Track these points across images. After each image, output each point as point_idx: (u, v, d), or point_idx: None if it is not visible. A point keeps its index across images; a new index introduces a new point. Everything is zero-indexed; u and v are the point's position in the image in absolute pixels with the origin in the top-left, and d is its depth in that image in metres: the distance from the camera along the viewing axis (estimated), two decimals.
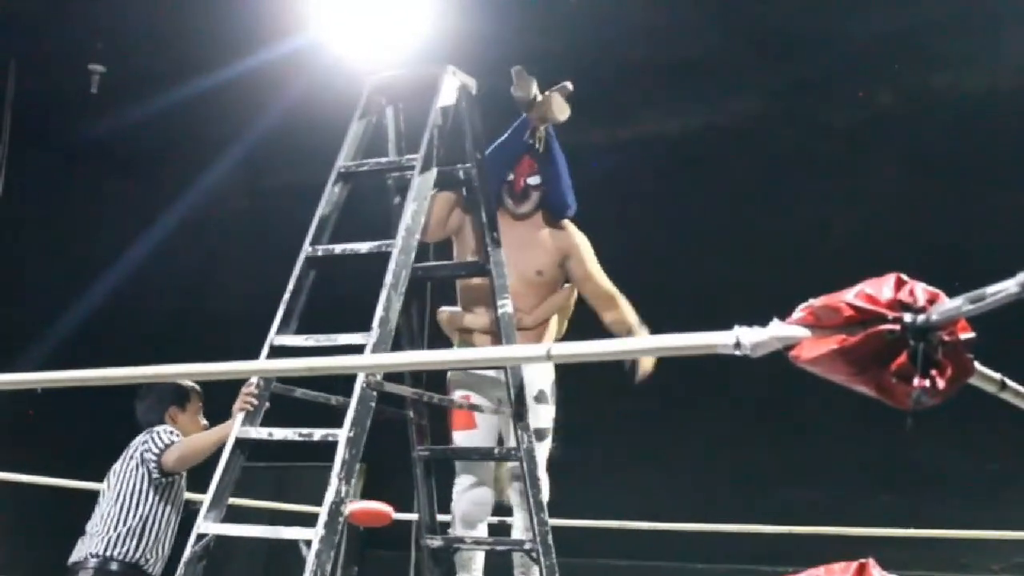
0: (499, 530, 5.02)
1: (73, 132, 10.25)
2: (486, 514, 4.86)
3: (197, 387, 5.10)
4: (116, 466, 5.05)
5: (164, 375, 2.77)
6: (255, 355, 4.18)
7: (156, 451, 4.86)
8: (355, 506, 5.55)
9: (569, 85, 5.00)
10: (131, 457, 4.98)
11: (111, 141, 10.24)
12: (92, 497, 5.19)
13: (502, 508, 4.89)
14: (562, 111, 4.98)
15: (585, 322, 5.00)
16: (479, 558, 4.79)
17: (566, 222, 5.15)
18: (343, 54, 8.17)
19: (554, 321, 5.11)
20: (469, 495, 4.81)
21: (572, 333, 4.91)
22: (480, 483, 4.84)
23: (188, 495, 5.04)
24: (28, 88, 9.70)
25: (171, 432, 4.96)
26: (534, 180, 5.04)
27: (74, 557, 4.95)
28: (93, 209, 10.71)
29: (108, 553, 4.82)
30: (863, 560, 2.01)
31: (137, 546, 4.82)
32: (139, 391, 5.12)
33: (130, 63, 9.36)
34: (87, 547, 4.89)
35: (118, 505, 4.87)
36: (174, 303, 10.79)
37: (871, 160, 8.18)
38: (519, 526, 4.77)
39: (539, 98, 4.93)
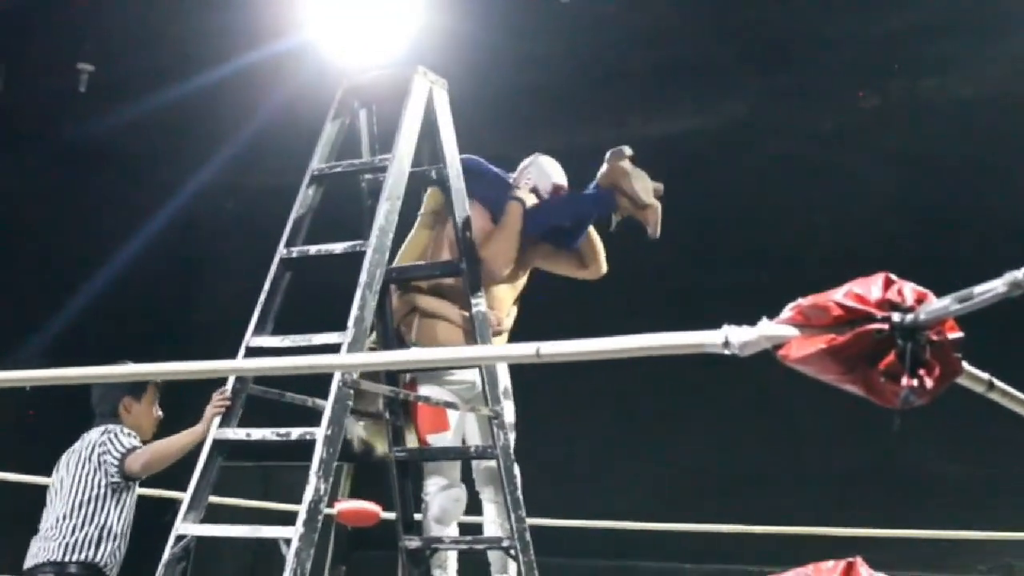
0: (472, 529, 5.01)
1: (61, 132, 10.23)
2: (459, 513, 4.87)
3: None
4: (68, 461, 4.87)
5: (140, 374, 2.75)
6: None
7: (116, 456, 4.75)
8: (343, 505, 5.56)
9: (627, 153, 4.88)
10: (87, 459, 4.82)
11: (99, 141, 10.21)
12: None
13: (474, 507, 4.89)
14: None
15: (571, 323, 4.99)
16: (453, 557, 4.79)
17: None
18: (333, 56, 8.16)
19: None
20: (443, 495, 4.81)
21: (559, 332, 4.90)
22: (452, 483, 4.85)
23: (169, 492, 4.98)
24: (15, 87, 9.68)
25: (130, 434, 4.82)
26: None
27: (30, 562, 4.82)
28: (80, 208, 10.68)
29: (66, 559, 4.73)
30: (851, 559, 2.01)
31: (96, 552, 4.74)
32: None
33: (120, 63, 9.35)
34: (44, 552, 4.77)
35: (76, 511, 4.75)
36: (160, 304, 10.77)
37: (860, 162, 8.19)
38: (493, 524, 4.76)
39: (646, 203, 4.76)
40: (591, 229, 4.97)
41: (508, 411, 4.84)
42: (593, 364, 5.93)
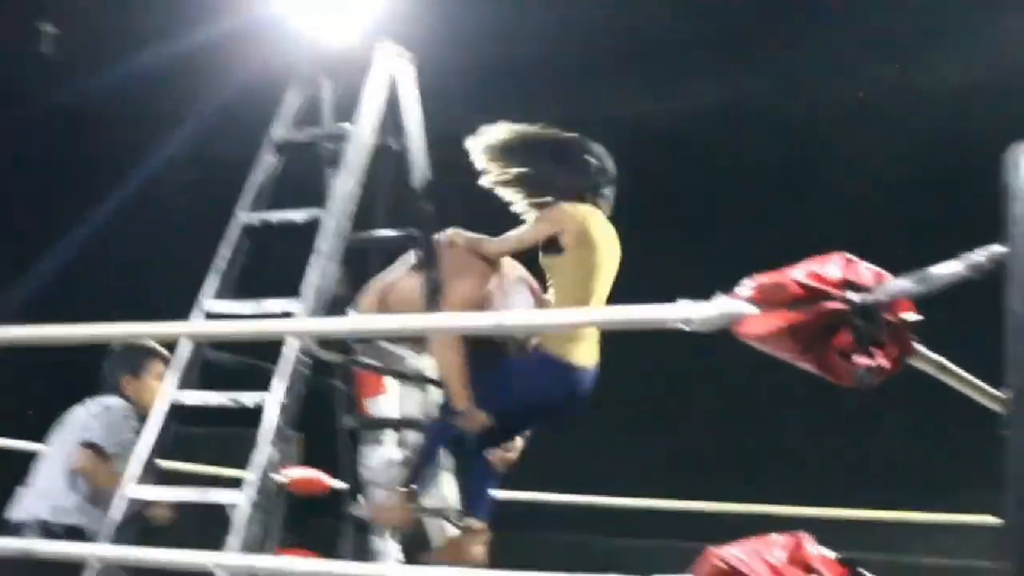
0: None
1: (23, 98, 10.10)
2: (399, 481, 4.88)
3: (158, 350, 5.04)
4: (65, 421, 5.01)
5: (98, 336, 2.74)
6: None
7: (81, 440, 4.86)
8: (292, 474, 5.56)
9: None
10: (74, 428, 4.96)
11: (64, 105, 10.10)
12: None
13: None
14: None
15: None
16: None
17: None
18: (301, 28, 8.09)
19: None
20: (381, 461, 4.83)
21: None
22: (391, 449, 4.87)
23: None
24: None
25: (126, 417, 4.92)
26: None
27: (18, 515, 4.90)
28: (43, 176, 10.57)
29: (54, 520, 4.83)
30: (798, 533, 2.03)
31: (81, 517, 4.83)
32: (107, 352, 5.13)
33: (84, 28, 9.24)
34: (33, 508, 4.86)
35: (65, 477, 4.89)
36: (124, 273, 10.68)
37: (845, 145, 8.19)
38: (431, 497, 4.76)
39: None
40: None
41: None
42: None
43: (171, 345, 4.38)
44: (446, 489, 4.78)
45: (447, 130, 5.01)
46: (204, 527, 4.41)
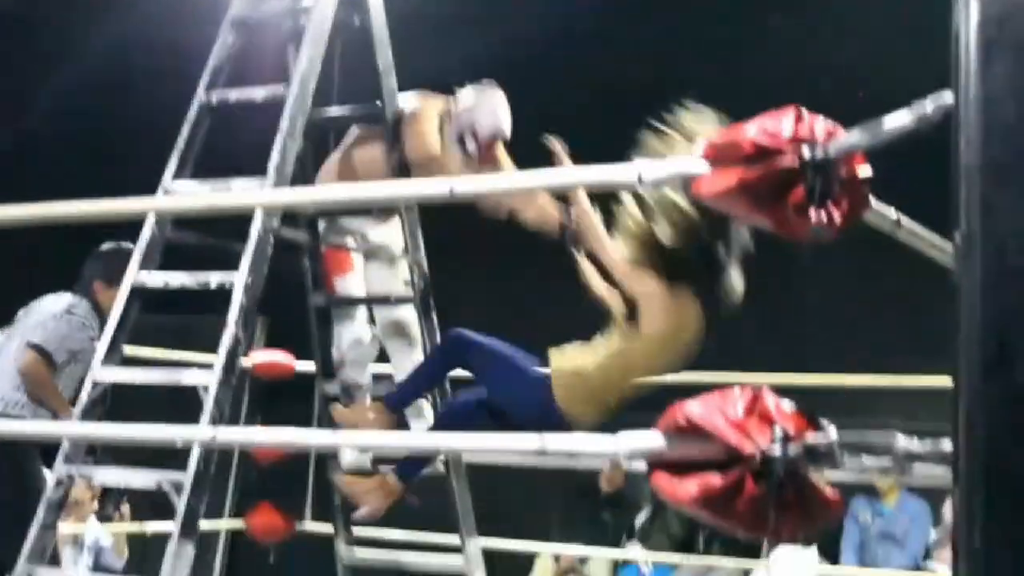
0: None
1: None
2: (372, 356, 4.91)
3: None
4: (30, 310, 5.03)
5: (54, 216, 2.71)
6: None
7: (35, 341, 4.88)
8: (257, 357, 5.58)
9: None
10: (34, 326, 4.97)
11: None
12: None
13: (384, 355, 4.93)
14: None
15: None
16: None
17: None
18: None
19: None
20: (353, 338, 4.85)
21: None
22: (363, 328, 4.89)
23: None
24: None
25: (83, 327, 4.92)
26: None
27: None
28: None
29: (6, 411, 4.87)
30: (757, 387, 2.05)
31: (35, 412, 4.86)
32: (90, 252, 5.13)
33: None
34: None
35: (13, 372, 4.90)
36: (85, 157, 10.52)
37: None
38: (402, 372, 4.79)
39: None
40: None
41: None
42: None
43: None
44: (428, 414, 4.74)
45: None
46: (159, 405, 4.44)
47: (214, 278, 4.08)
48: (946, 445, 1.81)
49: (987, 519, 1.65)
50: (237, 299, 3.97)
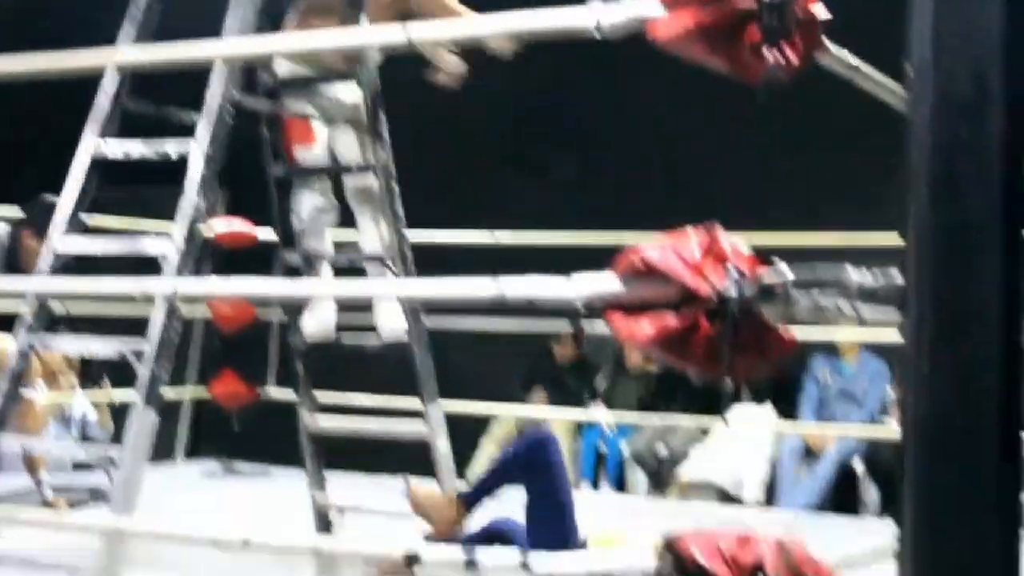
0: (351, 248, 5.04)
1: None
2: (330, 224, 4.89)
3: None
4: None
5: (9, 72, 2.67)
6: None
7: None
8: (219, 226, 5.55)
9: None
10: None
11: None
12: None
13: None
14: None
15: None
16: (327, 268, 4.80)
17: None
18: None
19: None
20: (311, 206, 4.83)
21: None
22: (323, 197, 4.87)
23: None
24: None
25: None
26: None
27: None
28: None
29: None
30: (711, 227, 2.08)
31: None
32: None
33: None
34: None
35: None
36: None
37: None
38: (370, 240, 4.78)
39: None
40: None
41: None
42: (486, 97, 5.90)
43: None
44: None
45: None
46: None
47: (173, 147, 4.03)
48: (896, 277, 1.84)
49: (934, 345, 1.69)
50: (197, 167, 3.93)
